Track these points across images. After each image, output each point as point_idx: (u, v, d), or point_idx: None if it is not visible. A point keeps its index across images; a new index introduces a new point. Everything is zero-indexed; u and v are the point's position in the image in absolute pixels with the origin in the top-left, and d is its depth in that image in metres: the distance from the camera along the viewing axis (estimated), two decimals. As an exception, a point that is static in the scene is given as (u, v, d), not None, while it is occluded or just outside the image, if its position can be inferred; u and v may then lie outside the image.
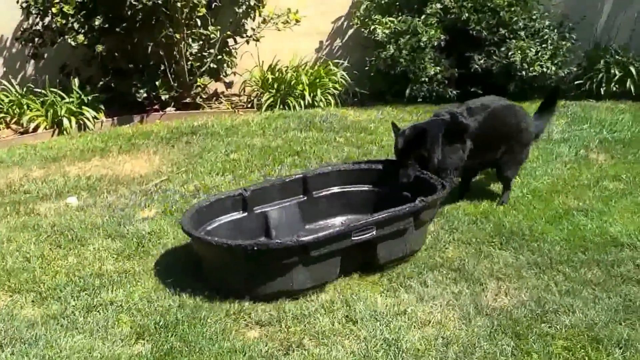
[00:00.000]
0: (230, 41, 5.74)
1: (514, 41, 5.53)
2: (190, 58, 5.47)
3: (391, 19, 5.61)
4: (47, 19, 5.36)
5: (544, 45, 5.62)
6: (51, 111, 5.15)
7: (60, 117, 5.14)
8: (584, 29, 5.90)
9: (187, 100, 5.71)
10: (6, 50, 5.67)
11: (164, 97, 5.46)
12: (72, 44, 5.14)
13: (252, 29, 5.68)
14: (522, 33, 5.58)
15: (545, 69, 5.52)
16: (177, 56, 5.39)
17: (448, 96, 5.62)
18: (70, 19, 5.10)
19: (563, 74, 5.75)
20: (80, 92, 5.27)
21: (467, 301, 2.75)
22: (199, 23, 5.37)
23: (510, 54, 5.49)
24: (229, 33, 5.63)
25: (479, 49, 5.59)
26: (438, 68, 5.53)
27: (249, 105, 5.79)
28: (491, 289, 2.85)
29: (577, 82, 5.85)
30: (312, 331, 2.56)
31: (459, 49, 5.64)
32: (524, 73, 5.51)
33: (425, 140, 3.31)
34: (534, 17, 5.65)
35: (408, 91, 5.64)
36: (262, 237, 3.16)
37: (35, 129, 5.14)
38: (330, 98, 5.66)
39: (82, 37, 5.12)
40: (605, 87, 5.70)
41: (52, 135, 5.15)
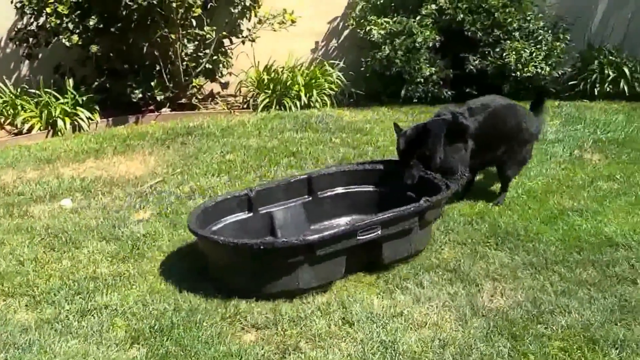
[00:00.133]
0: (226, 41, 5.72)
1: (508, 42, 5.54)
2: (185, 58, 5.45)
3: (387, 19, 5.61)
4: (41, 19, 5.32)
5: (538, 46, 5.64)
6: (45, 112, 5.12)
7: (54, 118, 5.11)
8: (578, 30, 5.92)
9: (182, 101, 5.69)
10: (0, 50, 5.63)
11: (159, 98, 5.43)
12: (67, 44, 5.11)
13: (248, 29, 5.66)
14: (516, 34, 5.60)
15: (539, 70, 5.54)
16: (173, 56, 5.37)
17: (443, 97, 5.64)
18: (64, 19, 5.07)
19: (557, 75, 5.78)
20: (74, 93, 5.23)
21: (463, 302, 2.75)
22: (194, 23, 5.35)
23: (505, 54, 5.50)
24: (224, 33, 5.61)
25: (473, 49, 5.60)
26: (433, 69, 5.53)
27: (244, 106, 5.78)
28: (487, 289, 2.85)
29: (571, 83, 5.87)
30: (309, 334, 2.56)
31: (454, 50, 5.65)
32: (519, 74, 5.52)
33: (427, 140, 3.32)
34: (528, 18, 5.67)
35: (403, 92, 5.64)
36: (268, 237, 3.16)
37: (30, 130, 5.10)
38: (326, 99, 5.65)
39: (76, 37, 5.09)
40: (599, 88, 5.72)
41: (47, 137, 5.11)
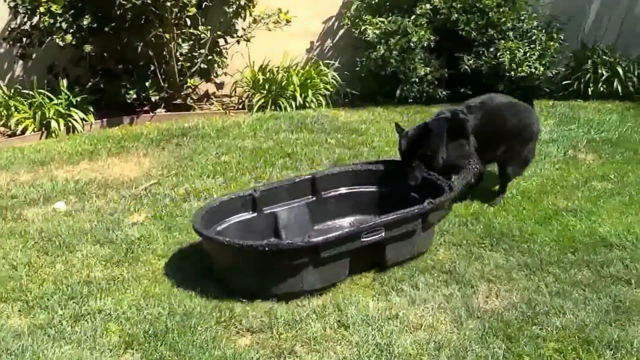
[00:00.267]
0: (221, 41, 5.69)
1: (502, 42, 5.54)
2: (180, 58, 5.42)
3: (381, 19, 5.61)
4: (35, 19, 5.27)
5: (532, 46, 5.64)
6: (39, 113, 5.07)
7: (48, 119, 5.07)
8: (572, 30, 5.93)
9: (177, 102, 5.66)
10: (-7, 50, 5.61)
11: (153, 98, 5.40)
12: (60, 44, 5.07)
13: (243, 29, 5.63)
14: (510, 34, 5.60)
15: (533, 70, 5.55)
16: (167, 56, 5.34)
17: (438, 97, 5.64)
18: (58, 18, 5.02)
19: (551, 75, 5.79)
20: (68, 94, 5.19)
21: (458, 304, 2.76)
22: (188, 23, 5.32)
23: (499, 54, 5.50)
24: (219, 33, 5.58)
25: (468, 49, 5.60)
26: (428, 69, 5.53)
27: (240, 106, 5.76)
28: (482, 291, 2.86)
29: (565, 83, 5.88)
30: (304, 337, 2.55)
31: (449, 50, 5.65)
32: (513, 73, 5.53)
33: (429, 139, 3.33)
34: (522, 17, 5.67)
35: (398, 92, 5.64)
36: (272, 237, 3.18)
37: (23, 132, 5.05)
38: (321, 99, 5.64)
39: (70, 37, 5.04)
40: (592, 88, 5.74)
41: (40, 138, 5.07)
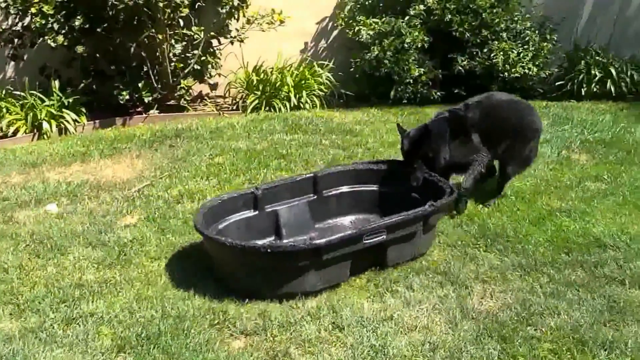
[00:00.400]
0: (214, 42, 5.68)
1: (496, 42, 5.56)
2: (173, 59, 5.40)
3: (375, 20, 5.61)
4: (26, 19, 5.24)
5: (525, 47, 5.67)
6: (31, 114, 5.04)
7: (40, 121, 5.03)
8: (565, 31, 5.97)
9: (170, 103, 5.64)
10: (-16, 51, 5.55)
11: (146, 99, 5.38)
12: (52, 45, 5.03)
13: (237, 29, 5.62)
14: (504, 34, 5.62)
15: (527, 70, 5.57)
16: (160, 57, 5.31)
17: (432, 98, 5.65)
18: (49, 19, 4.99)
19: (544, 75, 5.81)
20: (60, 95, 5.16)
21: (453, 305, 2.75)
22: (182, 23, 5.30)
23: (493, 55, 5.52)
24: (212, 34, 5.57)
25: (462, 50, 5.62)
26: (422, 69, 5.54)
27: (234, 107, 5.74)
28: (477, 292, 2.86)
29: (558, 83, 5.91)
30: (299, 339, 2.54)
31: (443, 51, 5.66)
32: (506, 74, 5.55)
33: (430, 140, 3.34)
34: (515, 18, 5.70)
35: (393, 93, 5.64)
36: (273, 235, 3.20)
37: (15, 133, 5.02)
38: (315, 100, 5.63)
39: (61, 37, 5.01)
40: (586, 88, 5.77)
41: (32, 140, 5.03)
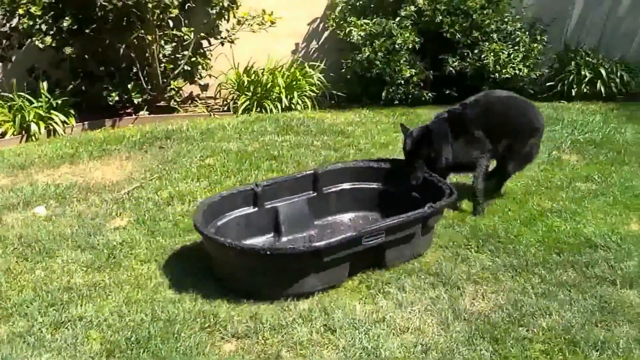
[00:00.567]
0: (205, 43, 5.64)
1: (486, 43, 5.59)
2: (163, 60, 5.36)
3: (366, 21, 5.61)
4: (14, 20, 5.18)
5: (516, 48, 5.69)
6: (19, 116, 4.98)
7: (28, 122, 4.97)
8: (555, 32, 6.00)
9: (161, 104, 5.60)
10: (-29, 53, 5.48)
11: (136, 101, 5.33)
12: (40, 46, 4.98)
13: (227, 30, 5.59)
14: (494, 35, 5.64)
15: (517, 71, 5.59)
16: (150, 58, 5.27)
17: (424, 98, 5.66)
18: (37, 20, 4.94)
19: (535, 76, 5.84)
20: (49, 96, 5.11)
21: (445, 306, 2.75)
22: (171, 24, 5.27)
23: (483, 56, 5.54)
24: (202, 35, 5.53)
25: (452, 51, 5.63)
26: (413, 70, 5.55)
27: (224, 109, 5.71)
28: (469, 292, 2.85)
29: (548, 84, 5.95)
30: (290, 342, 2.52)
31: (433, 52, 5.68)
32: (497, 75, 5.57)
33: (432, 140, 3.36)
34: (506, 19, 5.72)
35: (384, 94, 5.65)
36: (272, 232, 3.22)
37: (3, 135, 4.97)
38: (307, 101, 5.62)
39: (49, 39, 4.96)
40: (576, 89, 5.81)
41: (20, 142, 4.97)
